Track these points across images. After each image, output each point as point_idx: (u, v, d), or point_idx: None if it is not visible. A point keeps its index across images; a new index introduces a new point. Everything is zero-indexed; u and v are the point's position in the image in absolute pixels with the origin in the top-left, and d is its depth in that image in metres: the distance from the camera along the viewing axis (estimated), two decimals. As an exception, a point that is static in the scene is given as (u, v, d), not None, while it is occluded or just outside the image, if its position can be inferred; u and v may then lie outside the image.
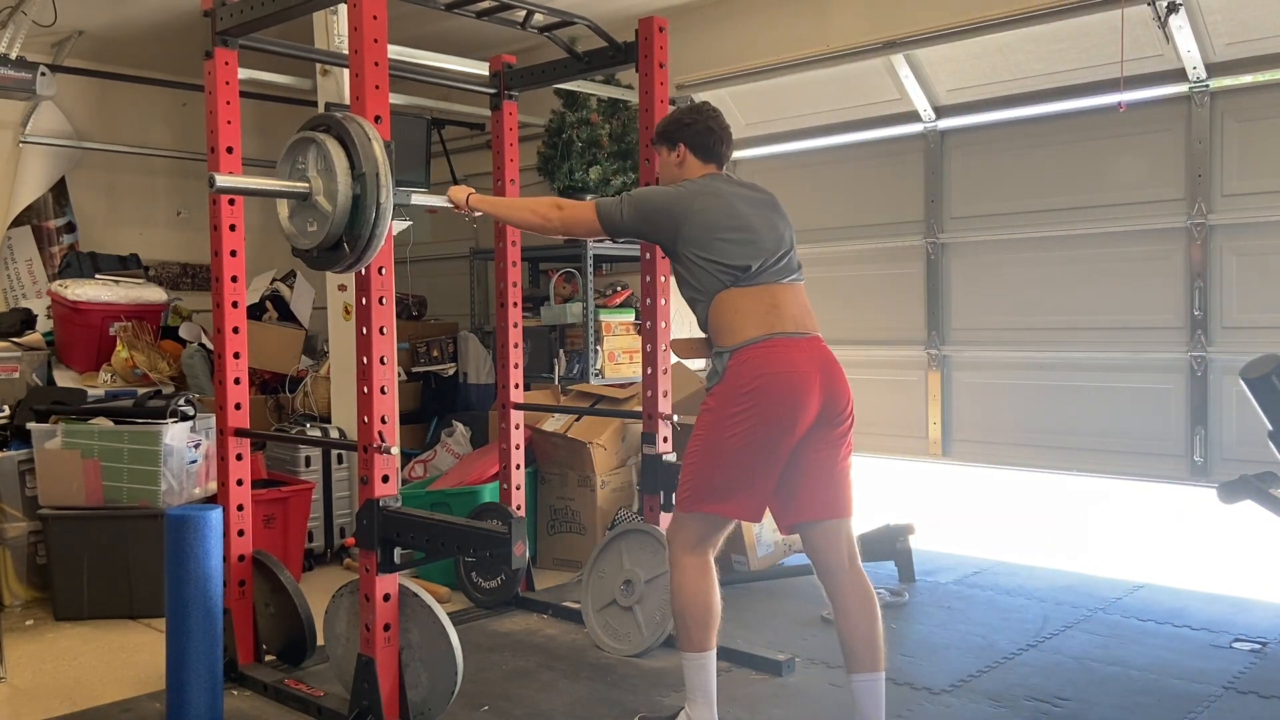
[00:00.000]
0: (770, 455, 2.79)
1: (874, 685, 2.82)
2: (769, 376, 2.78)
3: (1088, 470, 5.10)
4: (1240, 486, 3.38)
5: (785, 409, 2.76)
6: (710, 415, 2.86)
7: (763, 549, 4.78)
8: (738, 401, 2.79)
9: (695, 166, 3.12)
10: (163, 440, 4.17)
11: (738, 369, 2.81)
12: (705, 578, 2.90)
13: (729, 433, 2.79)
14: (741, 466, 2.80)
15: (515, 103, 4.29)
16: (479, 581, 4.38)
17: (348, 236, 2.79)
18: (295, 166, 2.88)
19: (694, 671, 2.90)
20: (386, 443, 2.93)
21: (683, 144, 3.13)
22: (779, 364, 2.79)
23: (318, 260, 2.90)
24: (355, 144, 2.75)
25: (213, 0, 3.41)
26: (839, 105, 5.74)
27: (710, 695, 2.91)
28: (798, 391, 2.78)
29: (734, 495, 2.83)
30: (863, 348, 5.75)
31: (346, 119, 2.81)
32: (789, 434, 2.78)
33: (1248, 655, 3.67)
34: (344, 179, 2.74)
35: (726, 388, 2.83)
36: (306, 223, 2.86)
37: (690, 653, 2.90)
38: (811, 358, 2.84)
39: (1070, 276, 5.08)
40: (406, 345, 6.08)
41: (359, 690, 2.99)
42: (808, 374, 2.80)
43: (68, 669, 3.68)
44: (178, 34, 6.08)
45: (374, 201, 2.74)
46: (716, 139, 3.12)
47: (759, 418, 2.76)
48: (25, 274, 6.40)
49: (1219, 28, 4.47)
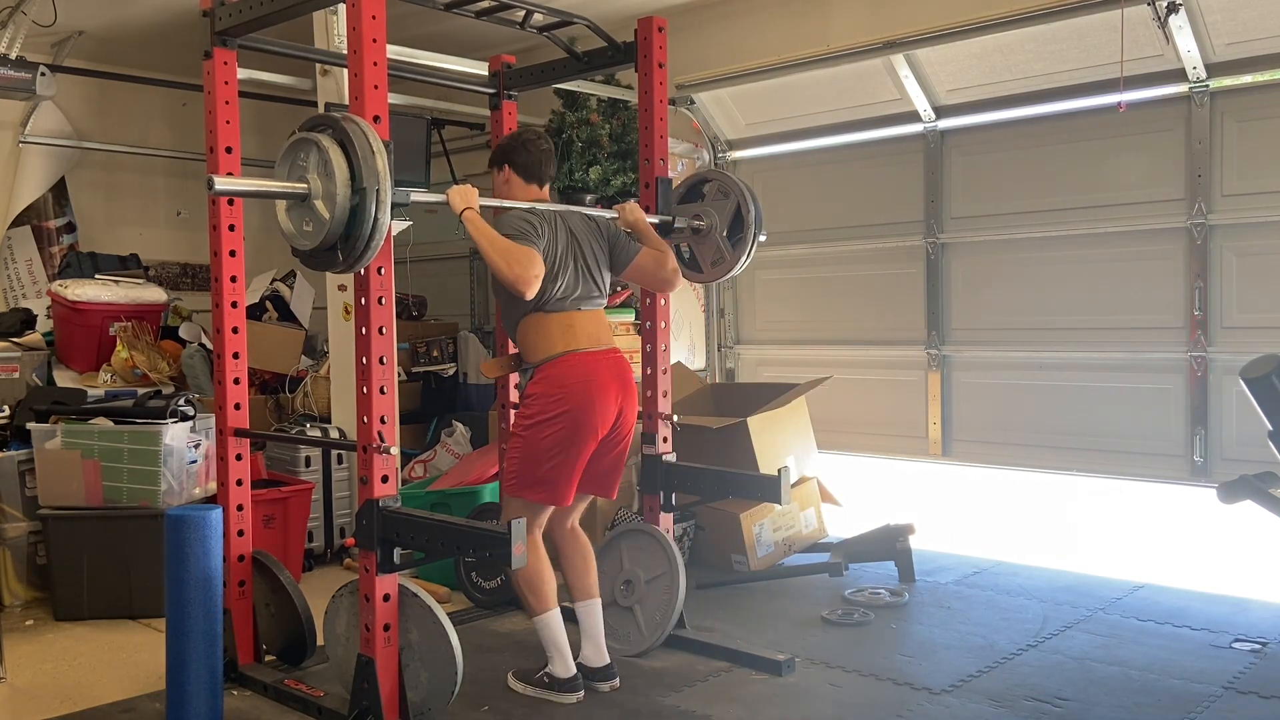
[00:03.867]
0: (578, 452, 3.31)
1: (594, 606, 3.50)
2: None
3: (1088, 470, 5.10)
4: (1240, 486, 3.37)
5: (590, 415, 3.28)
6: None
7: (763, 549, 4.78)
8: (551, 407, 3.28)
9: (519, 187, 3.45)
10: (163, 440, 4.17)
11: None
12: (534, 551, 3.30)
13: (543, 434, 3.27)
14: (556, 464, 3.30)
15: (515, 103, 4.28)
16: (479, 581, 4.38)
17: (343, 243, 2.77)
18: (296, 164, 2.85)
19: (544, 630, 3.36)
20: (386, 443, 2.93)
21: (508, 166, 3.47)
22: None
23: (313, 260, 2.88)
24: (358, 154, 2.71)
25: (212, 0, 3.40)
26: (839, 105, 5.74)
27: (564, 648, 3.36)
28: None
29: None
30: (863, 348, 5.75)
31: (348, 121, 2.78)
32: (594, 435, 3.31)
33: (1248, 655, 3.67)
34: (343, 189, 2.72)
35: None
36: (303, 221, 2.85)
37: (535, 617, 3.37)
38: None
39: (1070, 276, 5.08)
40: (406, 345, 6.08)
41: (359, 690, 2.99)
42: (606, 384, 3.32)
43: (68, 669, 3.68)
44: (177, 34, 6.08)
45: (371, 216, 2.72)
46: (537, 162, 3.45)
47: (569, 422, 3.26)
48: (25, 274, 6.40)
49: (1219, 28, 4.47)
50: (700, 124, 6.19)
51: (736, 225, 3.79)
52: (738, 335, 6.40)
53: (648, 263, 3.50)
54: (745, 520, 4.73)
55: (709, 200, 3.87)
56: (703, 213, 3.84)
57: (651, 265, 3.51)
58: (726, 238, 3.80)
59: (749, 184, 3.85)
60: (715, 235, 3.82)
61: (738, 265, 3.80)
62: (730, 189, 3.81)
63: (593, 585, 3.53)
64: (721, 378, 6.37)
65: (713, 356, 6.38)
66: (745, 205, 3.76)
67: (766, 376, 6.17)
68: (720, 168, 6.10)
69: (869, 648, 3.83)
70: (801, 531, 5.01)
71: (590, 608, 3.51)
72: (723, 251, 3.81)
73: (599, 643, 3.48)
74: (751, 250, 3.78)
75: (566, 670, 3.34)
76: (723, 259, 3.82)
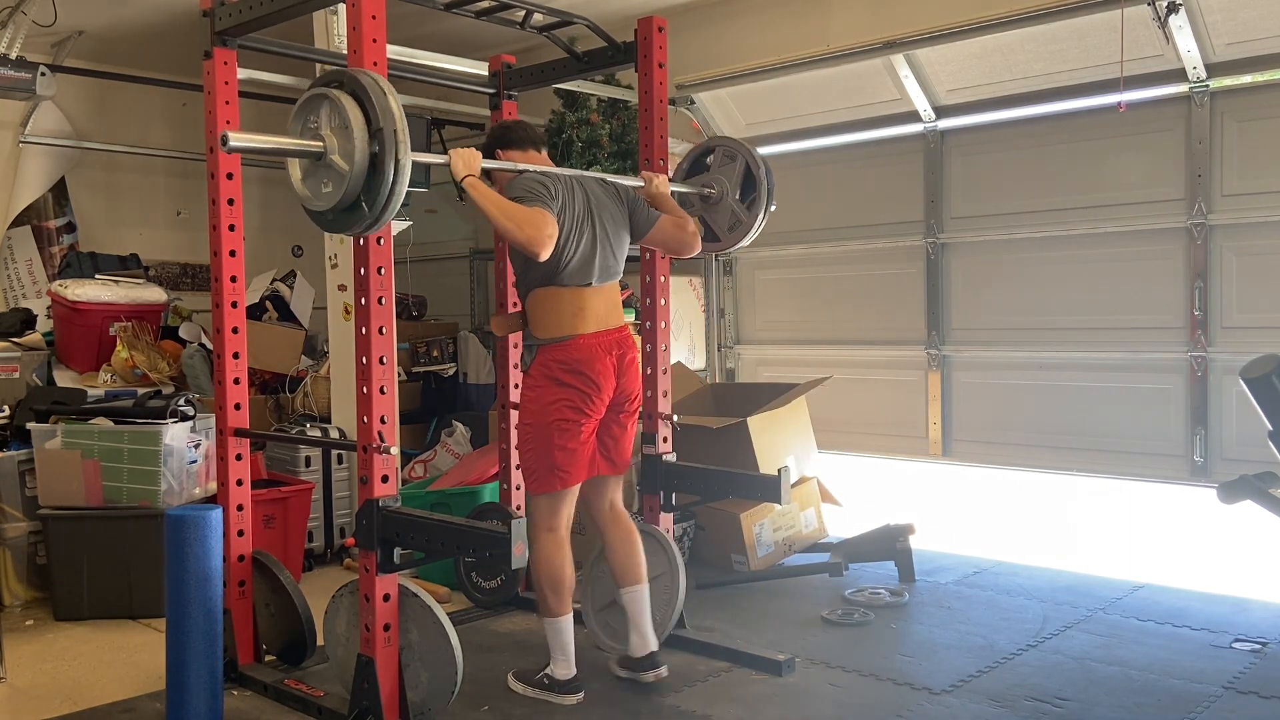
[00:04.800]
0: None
1: (639, 593, 3.44)
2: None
3: (1088, 470, 5.10)
4: (1240, 486, 3.37)
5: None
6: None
7: (763, 549, 4.78)
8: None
9: (521, 159, 3.38)
10: (163, 440, 4.17)
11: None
12: (561, 551, 3.34)
13: (549, 415, 3.25)
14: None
15: (515, 103, 4.29)
16: (479, 581, 4.37)
17: (365, 196, 2.64)
18: (307, 125, 2.73)
19: (554, 634, 3.33)
20: (386, 443, 2.93)
21: (500, 151, 3.43)
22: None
23: (334, 223, 2.76)
24: (371, 99, 2.60)
25: (212, 0, 3.40)
26: (839, 105, 5.73)
27: (569, 653, 3.33)
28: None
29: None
30: (863, 348, 5.75)
31: (359, 72, 2.67)
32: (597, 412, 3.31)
33: (1248, 655, 3.67)
34: (360, 136, 2.59)
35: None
36: (321, 184, 2.71)
37: (549, 618, 3.34)
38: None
39: (1070, 276, 5.08)
40: (406, 345, 6.08)
41: (359, 690, 2.99)
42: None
43: (68, 669, 3.68)
44: (177, 34, 6.08)
45: (392, 158, 2.59)
46: (527, 133, 3.46)
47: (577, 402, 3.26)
48: (25, 274, 6.41)
49: (1219, 28, 4.46)
50: (700, 124, 6.19)
51: (749, 186, 3.74)
52: (738, 335, 6.39)
53: (667, 226, 3.46)
54: (745, 520, 4.73)
55: (716, 169, 3.82)
56: (711, 181, 3.80)
57: (672, 229, 3.47)
58: (739, 200, 3.76)
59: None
60: (728, 200, 3.77)
61: (755, 225, 3.74)
62: (737, 151, 3.78)
63: (639, 569, 3.45)
64: (721, 378, 6.37)
65: (713, 356, 6.38)
66: (754, 163, 3.73)
67: (766, 376, 6.17)
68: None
69: (869, 648, 3.83)
70: (801, 531, 5.01)
71: (636, 594, 3.43)
72: (738, 215, 3.77)
73: (644, 631, 3.42)
74: (768, 207, 3.72)
75: (568, 672, 3.33)
76: (739, 222, 3.77)
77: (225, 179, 3.44)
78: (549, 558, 3.33)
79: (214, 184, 3.45)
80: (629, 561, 3.45)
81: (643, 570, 3.45)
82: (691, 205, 3.80)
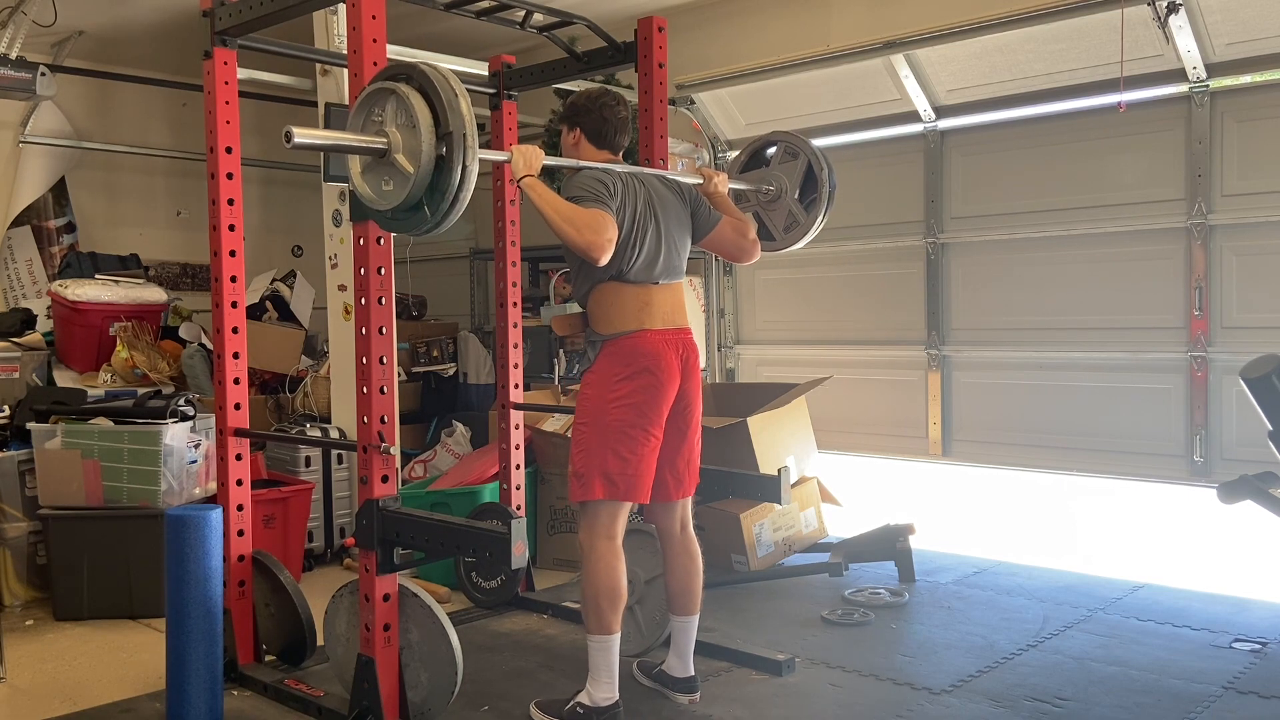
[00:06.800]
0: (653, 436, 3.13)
1: (689, 624, 3.32)
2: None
3: (1088, 470, 5.10)
4: (1240, 486, 3.38)
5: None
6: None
7: (763, 549, 4.78)
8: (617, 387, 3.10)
9: (590, 152, 3.23)
10: (163, 440, 4.17)
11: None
12: (618, 562, 3.09)
13: (611, 414, 3.07)
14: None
15: (515, 102, 4.29)
16: (479, 581, 4.38)
17: (429, 198, 2.55)
18: (370, 119, 2.63)
19: (603, 653, 3.07)
20: (386, 443, 2.93)
21: (579, 129, 3.25)
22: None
23: (393, 223, 2.68)
24: (441, 98, 2.50)
25: (212, 0, 3.41)
26: (839, 105, 5.74)
27: (614, 674, 3.09)
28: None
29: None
30: (863, 348, 5.75)
31: (430, 68, 2.57)
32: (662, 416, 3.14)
33: (1248, 655, 3.67)
34: (428, 136, 2.50)
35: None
36: (382, 181, 2.63)
37: (600, 635, 3.06)
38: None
39: (1070, 277, 5.08)
40: (406, 345, 6.08)
41: (359, 690, 2.99)
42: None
43: (68, 669, 3.68)
44: (177, 34, 6.09)
45: (460, 163, 2.50)
46: (611, 129, 3.23)
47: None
48: (25, 274, 6.41)
49: (1219, 28, 4.47)
50: (700, 124, 6.19)
51: (809, 186, 3.65)
52: (738, 335, 6.40)
53: (728, 231, 3.35)
54: (745, 520, 4.73)
55: (776, 164, 3.73)
56: (770, 178, 3.71)
57: (732, 234, 3.35)
58: (799, 200, 3.67)
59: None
60: (786, 199, 3.67)
61: (814, 227, 3.64)
62: (800, 148, 3.67)
63: (695, 602, 3.31)
64: (721, 378, 6.37)
65: (713, 356, 6.38)
66: (818, 163, 3.62)
67: (766, 376, 6.17)
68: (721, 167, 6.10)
69: (869, 648, 3.83)
70: (801, 531, 5.02)
71: (688, 625, 3.32)
72: (795, 216, 3.66)
73: (686, 658, 3.32)
74: (828, 209, 3.62)
75: (610, 695, 3.08)
76: (796, 223, 3.66)
77: (225, 179, 3.44)
78: (609, 568, 3.06)
79: (214, 184, 3.45)
80: (689, 591, 3.30)
81: (699, 601, 3.33)
82: (746, 201, 3.73)
